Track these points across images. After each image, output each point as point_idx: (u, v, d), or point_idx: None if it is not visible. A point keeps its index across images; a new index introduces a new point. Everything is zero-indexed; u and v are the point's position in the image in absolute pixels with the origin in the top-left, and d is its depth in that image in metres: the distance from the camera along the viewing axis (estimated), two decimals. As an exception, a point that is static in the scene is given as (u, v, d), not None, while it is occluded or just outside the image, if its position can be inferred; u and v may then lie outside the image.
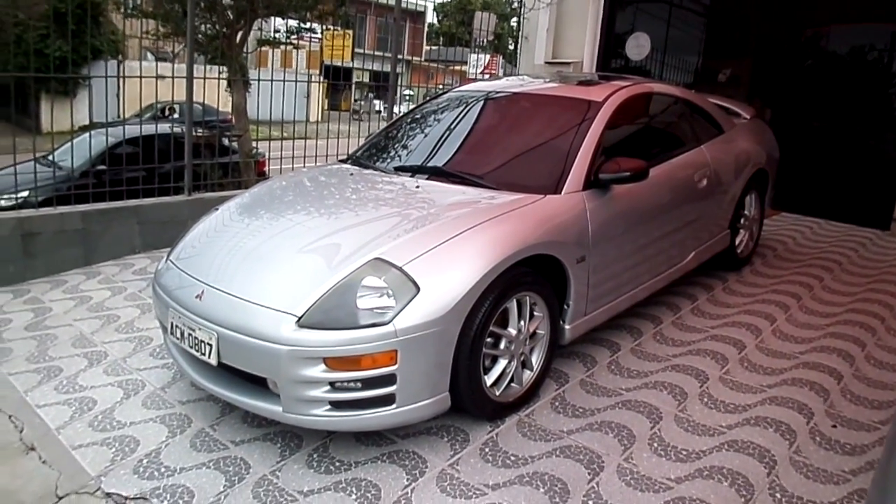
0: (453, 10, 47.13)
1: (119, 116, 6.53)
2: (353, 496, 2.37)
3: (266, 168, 8.77)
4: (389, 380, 2.39)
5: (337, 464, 2.56)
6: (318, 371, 2.35)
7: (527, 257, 2.71)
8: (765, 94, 7.27)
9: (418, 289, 2.41)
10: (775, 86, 7.20)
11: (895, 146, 6.26)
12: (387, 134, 3.92)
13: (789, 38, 7.28)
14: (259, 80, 6.87)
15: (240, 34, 8.19)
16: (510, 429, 2.79)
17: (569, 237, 2.95)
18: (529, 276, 2.77)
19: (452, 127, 3.65)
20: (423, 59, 33.50)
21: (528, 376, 2.92)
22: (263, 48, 14.16)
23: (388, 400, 2.42)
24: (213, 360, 2.53)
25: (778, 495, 2.42)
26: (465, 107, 3.80)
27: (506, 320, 2.75)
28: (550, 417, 2.88)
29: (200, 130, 6.91)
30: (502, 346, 2.76)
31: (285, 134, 6.96)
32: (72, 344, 3.60)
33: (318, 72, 12.20)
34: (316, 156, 6.08)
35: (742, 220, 4.59)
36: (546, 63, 7.72)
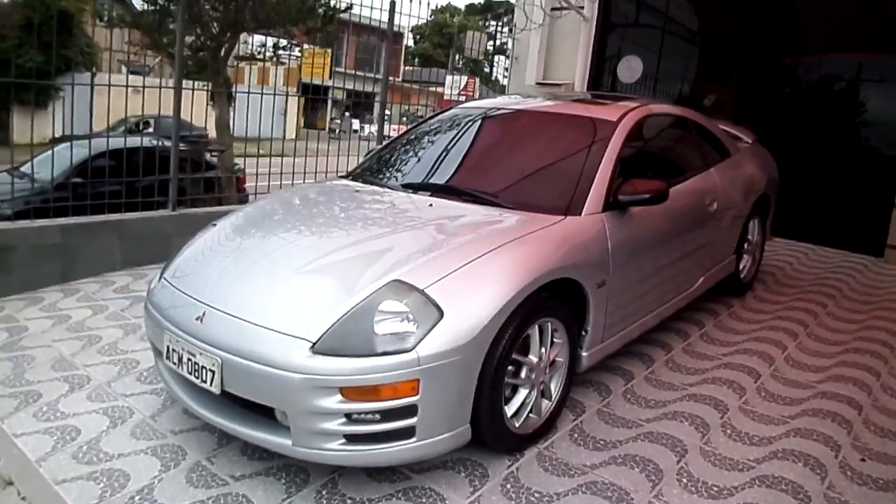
0: (430, 32, 47.40)
1: (91, 130, 6.28)
2: (370, 539, 2.19)
3: (246, 185, 8.57)
4: (410, 411, 2.22)
5: (349, 502, 2.36)
6: (333, 402, 2.17)
7: (549, 281, 2.58)
8: (749, 121, 7.31)
9: (442, 313, 2.26)
10: (760, 112, 7.25)
11: (884, 174, 6.30)
12: (390, 150, 3.77)
13: (771, 67, 7.35)
14: (249, 92, 6.67)
15: (224, 47, 8.00)
16: (531, 463, 2.62)
17: (591, 261, 2.83)
18: (551, 300, 2.63)
19: (461, 144, 3.52)
20: (401, 79, 33.48)
21: (546, 406, 2.77)
22: (241, 64, 13.97)
23: (407, 433, 2.25)
24: (216, 389, 2.33)
25: (817, 535, 2.29)
26: (472, 124, 3.68)
27: (526, 347, 2.61)
28: (571, 450, 2.73)
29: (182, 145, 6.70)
30: (523, 374, 2.61)
31: (264, 151, 6.79)
32: (51, 366, 3.36)
33: (295, 89, 12.04)
34: (293, 173, 5.89)
35: (746, 245, 4.53)
36: (537, 84, 7.67)
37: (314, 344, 2.21)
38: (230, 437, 2.68)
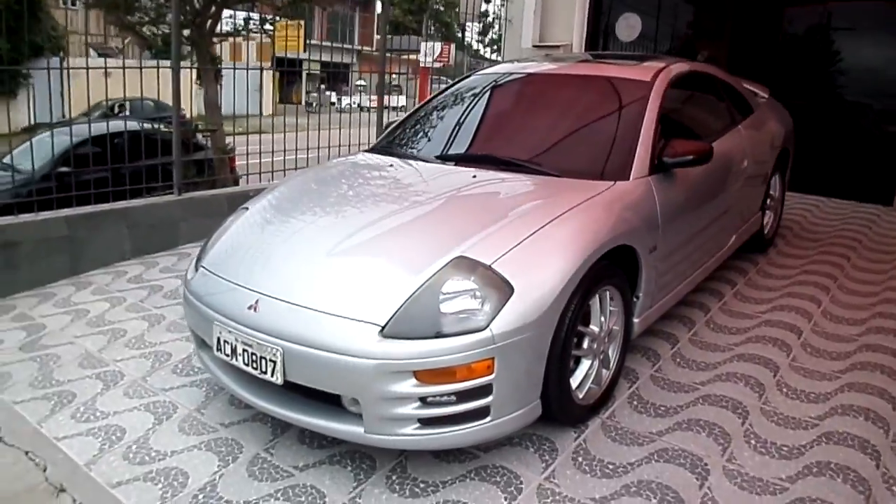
0: (402, -2, 46.47)
1: (64, 116, 6.01)
2: (453, 523, 2.13)
3: (236, 164, 8.35)
4: (485, 391, 2.15)
5: (421, 485, 2.30)
6: (408, 386, 2.09)
7: (609, 249, 2.51)
8: (745, 75, 7.25)
9: (512, 289, 2.17)
10: (754, 66, 7.16)
11: (890, 123, 6.27)
12: (414, 121, 3.64)
13: (768, 18, 7.22)
14: (234, 68, 6.44)
15: (208, 23, 7.71)
16: (596, 434, 2.58)
17: (643, 226, 2.76)
18: (609, 268, 2.56)
19: (491, 111, 3.41)
20: (374, 48, 32.84)
21: (605, 375, 2.72)
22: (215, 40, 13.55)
23: (482, 413, 2.18)
24: (278, 379, 2.23)
25: (895, 488, 2.28)
26: (499, 90, 3.56)
27: (587, 317, 2.54)
28: (634, 418, 2.69)
29: (163, 127, 6.46)
30: (585, 345, 2.55)
31: (241, 129, 6.59)
32: (79, 364, 3.23)
33: (269, 64, 11.72)
34: (285, 150, 5.71)
35: (769, 201, 4.50)
36: (534, 46, 7.52)
37: (383, 328, 2.12)
38: (284, 427, 2.61)
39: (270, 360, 2.24)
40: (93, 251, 4.49)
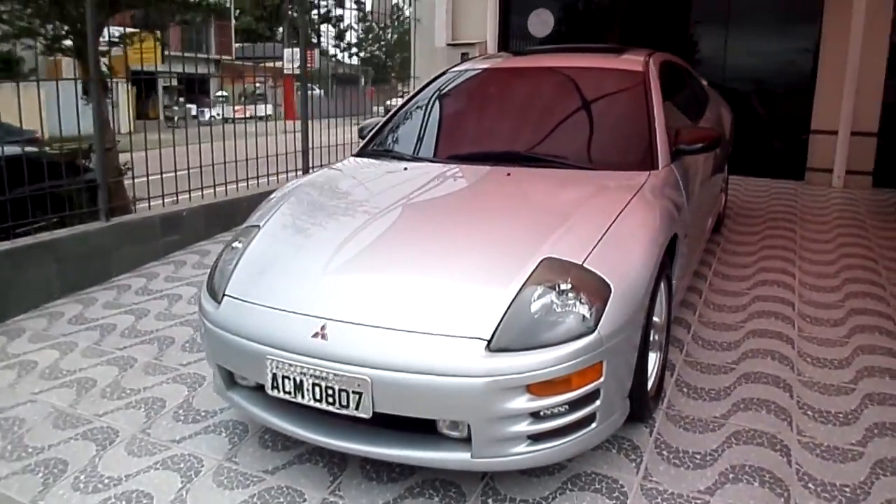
0: (250, 5, 44.61)
1: None
2: (577, 540, 2.00)
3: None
4: (594, 396, 2.04)
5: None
6: (521, 402, 1.93)
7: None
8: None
9: (609, 287, 2.07)
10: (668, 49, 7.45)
11: (800, 105, 6.67)
12: (402, 122, 3.43)
13: (678, 7, 7.43)
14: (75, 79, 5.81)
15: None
16: (665, 426, 2.54)
17: (678, 212, 2.75)
18: (665, 258, 2.53)
19: (494, 108, 3.28)
20: (233, 57, 31.51)
21: (655, 366, 2.69)
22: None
23: (589, 420, 2.06)
24: (365, 413, 1.99)
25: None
26: (492, 86, 3.44)
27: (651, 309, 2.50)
28: (691, 405, 2.68)
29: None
30: (653, 337, 2.51)
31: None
32: (53, 425, 2.74)
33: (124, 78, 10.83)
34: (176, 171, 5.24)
35: (724, 183, 4.71)
36: (448, 45, 7.46)
37: (489, 342, 1.94)
38: (340, 464, 2.35)
39: (355, 393, 1.98)
40: (16, 293, 3.87)
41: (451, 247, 2.28)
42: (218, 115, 10.90)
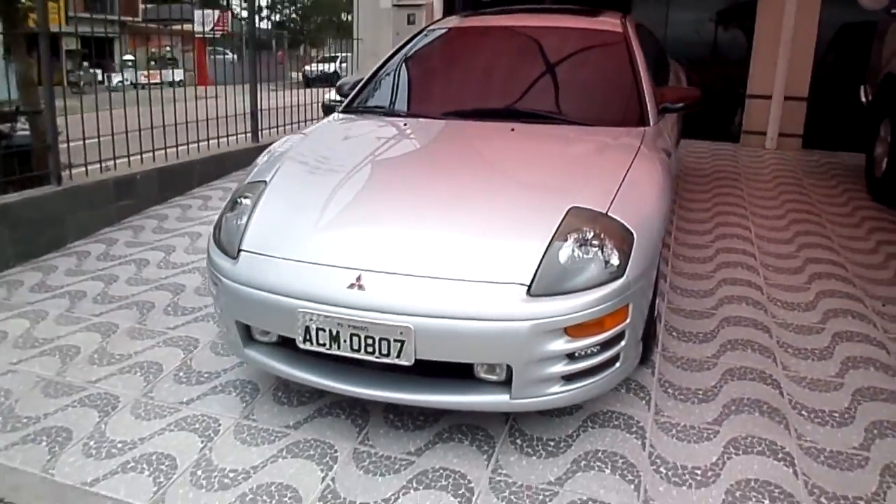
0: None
1: None
2: (608, 470, 2.12)
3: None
4: (620, 337, 2.15)
5: (550, 443, 2.25)
6: (560, 343, 2.01)
7: (669, 189, 2.60)
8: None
9: (632, 234, 2.17)
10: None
11: (735, 73, 6.97)
12: (390, 79, 3.40)
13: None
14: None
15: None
16: (665, 366, 2.70)
17: (672, 167, 2.89)
18: (665, 208, 2.67)
19: (482, 66, 3.29)
20: (141, 19, 29.64)
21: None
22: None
23: (614, 360, 2.17)
24: (407, 360, 2.02)
25: (912, 369, 2.71)
26: (477, 44, 3.46)
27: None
28: (684, 347, 2.86)
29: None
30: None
31: None
32: (44, 394, 2.62)
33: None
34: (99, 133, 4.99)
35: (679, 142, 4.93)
36: (394, 6, 7.35)
37: (529, 287, 2.01)
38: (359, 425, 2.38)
39: (396, 341, 2.01)
40: (-34, 261, 3.63)
41: (479, 198, 2.32)
42: (127, 80, 10.36)
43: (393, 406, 2.43)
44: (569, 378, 2.10)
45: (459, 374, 2.11)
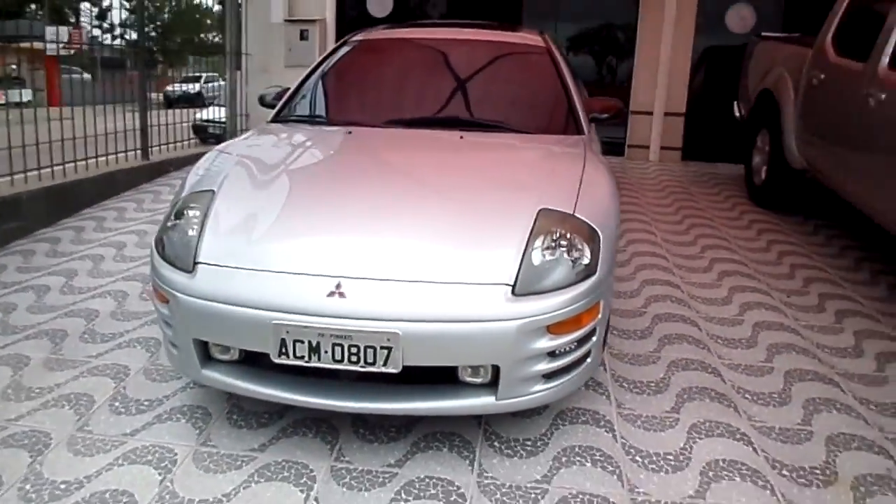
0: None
1: None
2: (589, 463, 2.17)
3: None
4: (592, 334, 2.22)
5: (528, 444, 2.27)
6: (544, 342, 2.05)
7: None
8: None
9: (598, 234, 2.26)
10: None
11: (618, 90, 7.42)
12: (319, 89, 3.33)
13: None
14: None
15: None
16: (614, 363, 2.82)
17: (608, 171, 3.04)
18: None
19: (414, 76, 3.31)
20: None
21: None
22: None
23: (586, 357, 2.24)
24: (395, 367, 1.97)
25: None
26: (407, 55, 3.47)
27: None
28: (627, 344, 2.99)
29: None
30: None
31: None
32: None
33: None
34: None
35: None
36: (286, 21, 7.20)
37: (513, 288, 2.03)
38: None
39: (383, 348, 1.96)
40: None
41: (449, 201, 2.32)
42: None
43: (361, 419, 2.36)
44: (548, 376, 2.13)
45: (440, 379, 2.09)
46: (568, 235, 2.19)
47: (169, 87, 15.22)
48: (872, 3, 4.10)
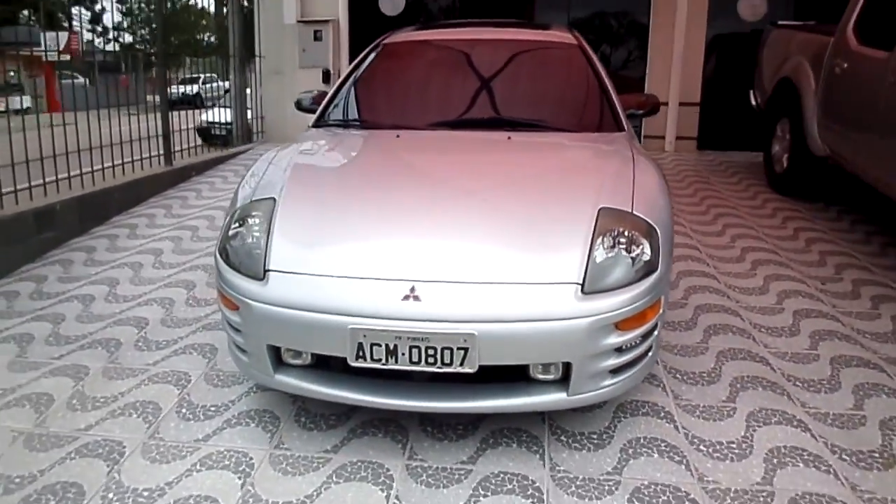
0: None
1: None
2: (656, 454, 2.23)
3: None
4: (654, 329, 2.27)
5: (595, 437, 2.33)
6: (613, 338, 2.10)
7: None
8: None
9: (656, 231, 2.31)
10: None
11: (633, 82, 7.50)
12: (359, 92, 3.37)
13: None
14: None
15: None
16: (664, 354, 2.88)
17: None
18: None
19: (455, 77, 3.35)
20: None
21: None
22: None
23: (648, 351, 2.29)
24: (471, 367, 2.02)
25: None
26: (443, 57, 3.51)
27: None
28: (673, 336, 3.05)
29: None
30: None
31: None
32: (28, 448, 2.35)
33: None
34: None
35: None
36: (298, 22, 7.22)
37: (582, 286, 2.08)
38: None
39: (460, 349, 2.01)
40: None
41: (510, 202, 2.37)
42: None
43: (428, 418, 2.42)
44: (615, 371, 2.19)
45: (510, 377, 2.15)
46: (628, 233, 2.24)
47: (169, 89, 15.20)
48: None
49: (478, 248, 2.19)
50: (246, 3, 8.01)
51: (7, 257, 3.90)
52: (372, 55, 3.59)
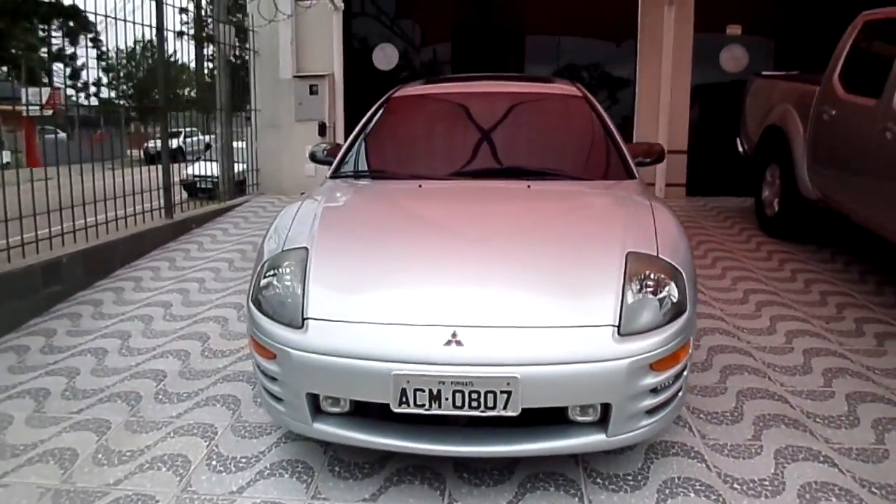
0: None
1: None
2: (692, 493, 2.26)
3: None
4: (684, 369, 2.33)
5: (630, 479, 2.36)
6: (649, 378, 2.15)
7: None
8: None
9: (681, 273, 2.39)
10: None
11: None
12: (374, 144, 3.47)
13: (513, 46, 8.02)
14: None
15: None
16: (690, 397, 2.92)
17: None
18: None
19: (469, 130, 3.46)
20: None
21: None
22: None
23: (678, 392, 2.35)
24: (514, 410, 2.05)
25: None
26: (456, 109, 3.63)
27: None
28: (692, 377, 3.10)
29: None
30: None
31: None
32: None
33: None
34: None
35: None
36: (295, 77, 7.37)
37: (619, 328, 2.14)
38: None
39: (503, 392, 2.04)
40: None
41: (542, 248, 2.44)
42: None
43: (462, 464, 2.43)
44: (650, 411, 2.23)
45: (549, 419, 2.18)
46: (655, 276, 2.32)
47: (148, 143, 15.34)
48: (874, 45, 4.39)
49: (515, 293, 2.25)
50: (233, 59, 8.12)
51: (15, 311, 3.86)
52: (383, 108, 3.70)
